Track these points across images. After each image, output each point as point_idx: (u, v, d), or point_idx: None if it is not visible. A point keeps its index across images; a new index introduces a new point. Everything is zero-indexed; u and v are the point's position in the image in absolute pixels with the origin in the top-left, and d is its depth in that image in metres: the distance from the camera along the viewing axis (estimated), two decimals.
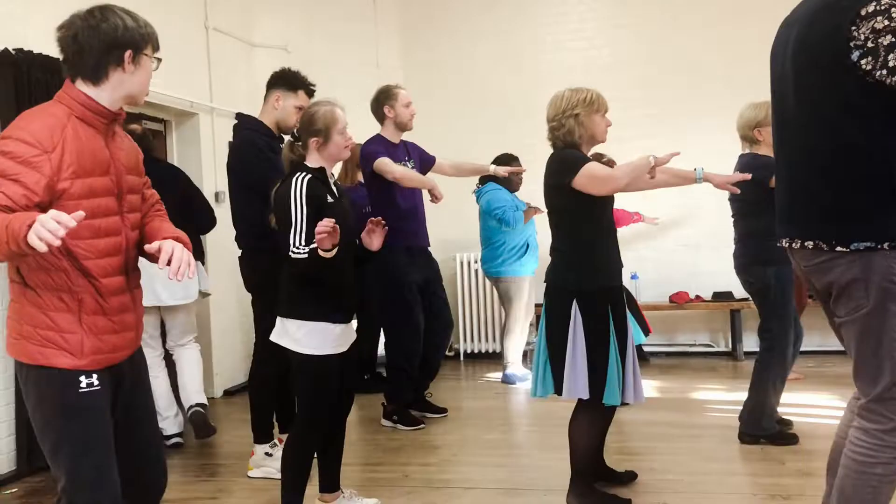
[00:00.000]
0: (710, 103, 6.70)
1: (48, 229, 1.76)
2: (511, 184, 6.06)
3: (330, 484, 3.33)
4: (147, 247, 2.17)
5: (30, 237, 1.77)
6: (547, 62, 7.21)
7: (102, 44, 2.09)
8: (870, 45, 2.02)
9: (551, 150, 3.38)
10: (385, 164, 4.62)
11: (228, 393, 6.05)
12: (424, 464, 4.14)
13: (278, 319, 3.11)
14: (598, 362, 3.16)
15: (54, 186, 2.00)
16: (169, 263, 2.09)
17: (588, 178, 3.12)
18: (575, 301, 3.18)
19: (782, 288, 3.96)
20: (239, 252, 4.11)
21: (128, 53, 2.12)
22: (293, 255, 2.95)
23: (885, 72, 2.02)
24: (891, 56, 2.00)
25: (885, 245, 2.11)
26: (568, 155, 3.25)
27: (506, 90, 7.28)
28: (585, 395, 3.18)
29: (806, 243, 2.24)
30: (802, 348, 4.27)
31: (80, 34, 2.09)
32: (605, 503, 3.32)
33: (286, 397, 4.24)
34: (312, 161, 3.19)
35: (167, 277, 2.12)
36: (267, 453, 3.99)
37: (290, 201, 3.00)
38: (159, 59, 2.22)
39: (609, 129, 3.38)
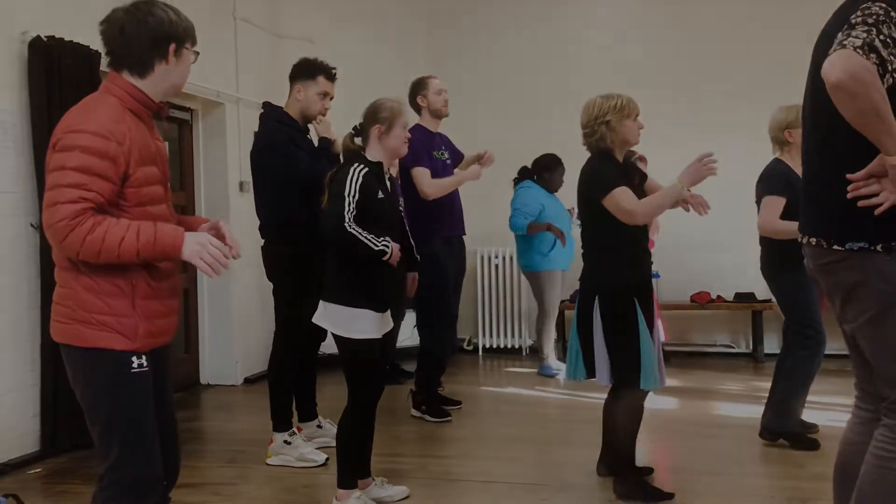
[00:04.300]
0: (737, 102, 6.64)
1: (214, 256, 2.10)
2: (550, 183, 6.11)
3: (362, 471, 3.43)
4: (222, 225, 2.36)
5: (196, 262, 2.09)
6: (574, 59, 7.17)
7: (149, 37, 2.15)
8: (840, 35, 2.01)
9: (583, 149, 3.48)
10: (421, 177, 4.66)
11: (248, 381, 6.09)
12: (441, 456, 4.15)
13: (321, 303, 3.26)
14: (628, 351, 3.27)
15: (125, 172, 2.09)
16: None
17: (613, 206, 3.26)
18: (596, 298, 3.32)
19: (803, 292, 3.93)
20: (262, 242, 4.14)
21: (172, 46, 2.18)
22: (349, 228, 3.10)
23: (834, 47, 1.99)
24: (840, 34, 1.99)
25: (879, 247, 2.08)
26: (601, 173, 3.35)
27: (534, 87, 7.24)
28: (607, 382, 3.34)
29: (811, 239, 2.24)
30: (826, 351, 4.24)
31: (126, 27, 2.15)
32: (647, 493, 3.36)
33: (305, 386, 4.27)
34: (372, 154, 3.32)
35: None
36: (286, 441, 4.01)
37: (344, 184, 3.15)
38: (197, 53, 2.29)
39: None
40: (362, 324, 3.19)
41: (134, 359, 2.15)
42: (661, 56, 7.03)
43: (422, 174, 4.67)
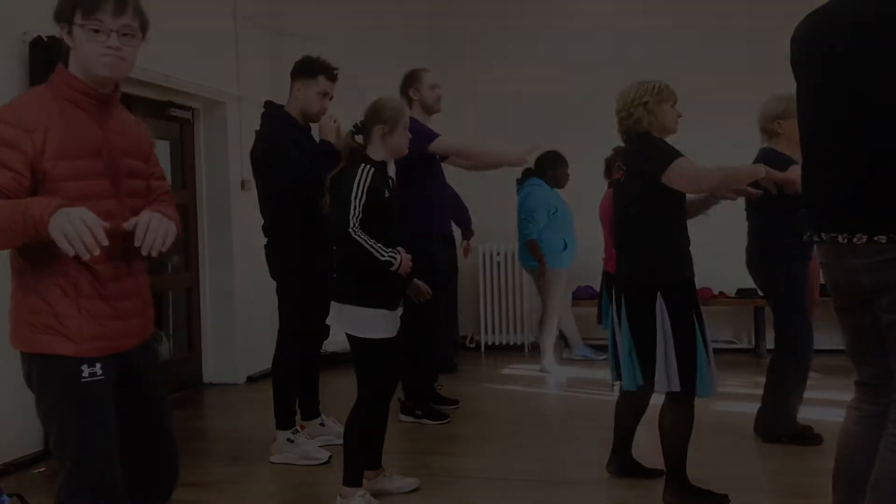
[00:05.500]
0: (739, 97, 6.62)
1: (77, 231, 1.76)
2: (556, 180, 5.96)
3: (372, 462, 3.45)
4: (125, 225, 2.01)
5: (56, 237, 1.78)
6: (576, 54, 7.15)
7: (57, 24, 2.05)
8: None
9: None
10: (449, 140, 4.46)
11: (252, 379, 6.10)
12: (445, 453, 4.16)
13: (335, 305, 3.23)
14: (688, 354, 3.13)
15: (37, 166, 1.95)
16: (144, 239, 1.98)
17: (678, 176, 3.10)
18: (659, 294, 3.14)
19: (794, 285, 3.89)
20: (265, 240, 4.14)
21: (64, 29, 2.03)
22: (353, 235, 3.06)
23: None
24: None
25: None
26: (657, 144, 3.21)
27: (535, 83, 7.20)
28: (678, 388, 3.13)
29: (877, 238, 2.05)
30: (831, 346, 4.22)
31: None
32: (702, 499, 3.24)
33: (309, 384, 4.28)
34: (374, 153, 3.27)
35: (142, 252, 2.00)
36: (289, 439, 4.02)
37: (351, 186, 3.10)
38: (96, 24, 1.99)
39: None
40: (379, 323, 3.17)
41: (84, 367, 2.02)
42: (661, 54, 7.01)
43: (447, 139, 4.48)
